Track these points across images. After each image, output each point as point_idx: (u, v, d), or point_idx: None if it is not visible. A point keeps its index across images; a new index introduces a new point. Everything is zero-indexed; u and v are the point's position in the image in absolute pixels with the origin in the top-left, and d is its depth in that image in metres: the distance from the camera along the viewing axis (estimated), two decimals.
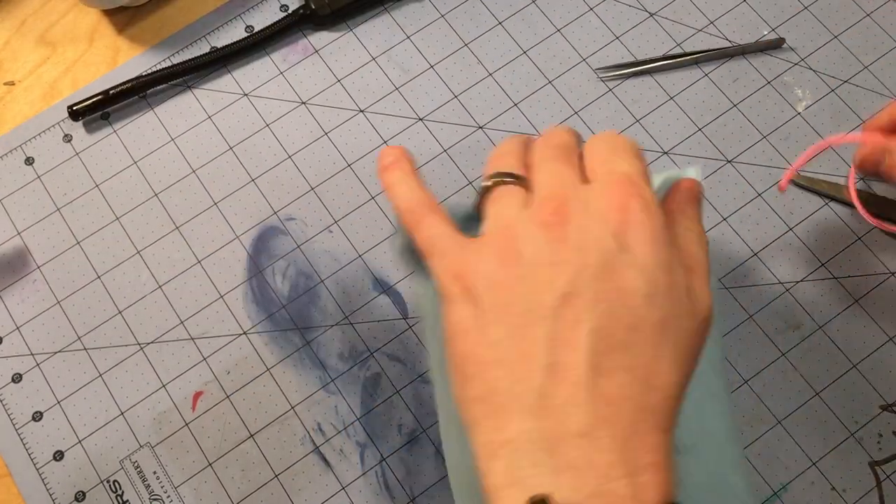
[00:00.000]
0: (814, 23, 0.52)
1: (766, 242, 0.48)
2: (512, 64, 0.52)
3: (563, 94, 0.51)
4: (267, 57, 0.53)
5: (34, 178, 0.50)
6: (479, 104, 0.51)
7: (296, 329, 0.47)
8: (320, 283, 0.48)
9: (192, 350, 0.47)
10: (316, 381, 0.46)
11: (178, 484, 0.44)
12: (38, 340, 0.47)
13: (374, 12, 0.54)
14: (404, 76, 0.52)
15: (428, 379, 0.46)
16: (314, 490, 0.44)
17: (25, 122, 0.52)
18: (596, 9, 0.53)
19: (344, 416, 0.45)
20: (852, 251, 0.47)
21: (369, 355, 0.46)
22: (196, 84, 0.52)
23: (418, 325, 0.47)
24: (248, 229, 0.49)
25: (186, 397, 0.46)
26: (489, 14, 0.53)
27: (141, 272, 0.48)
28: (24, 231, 0.49)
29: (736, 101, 0.51)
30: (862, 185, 0.48)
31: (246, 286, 0.48)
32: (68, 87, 0.53)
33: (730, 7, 0.53)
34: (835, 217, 0.48)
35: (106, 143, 0.51)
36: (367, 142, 0.51)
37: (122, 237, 0.49)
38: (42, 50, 0.54)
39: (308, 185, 0.50)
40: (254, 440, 0.45)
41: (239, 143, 0.51)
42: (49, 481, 0.44)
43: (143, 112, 0.52)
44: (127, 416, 0.45)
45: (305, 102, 0.52)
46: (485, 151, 0.50)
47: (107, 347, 0.47)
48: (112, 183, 0.50)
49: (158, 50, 0.53)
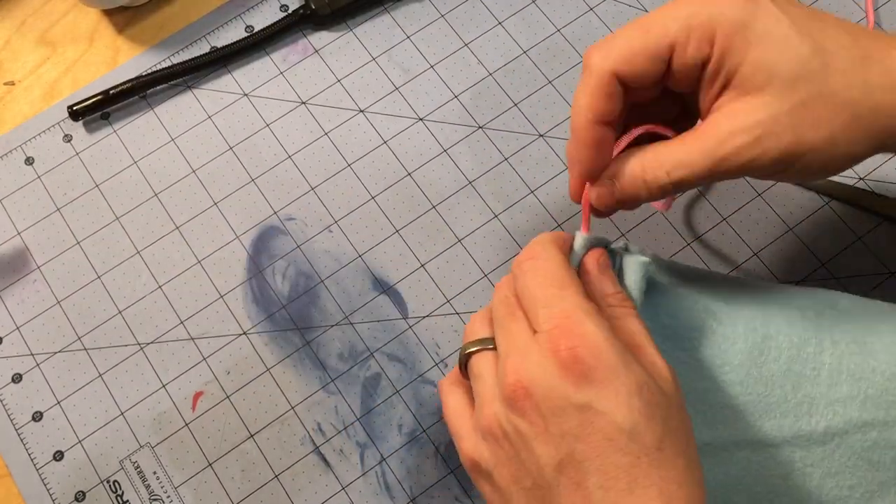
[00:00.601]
0: None
1: (766, 242, 0.48)
2: (512, 64, 0.52)
3: (563, 94, 0.51)
4: (267, 57, 0.53)
5: (34, 178, 0.50)
6: (479, 104, 0.51)
7: (296, 329, 0.47)
8: (320, 283, 0.48)
9: (192, 350, 0.47)
10: (316, 381, 0.46)
11: (178, 484, 0.44)
12: (38, 340, 0.47)
13: (374, 12, 0.54)
14: (404, 76, 0.52)
15: (428, 379, 0.46)
16: (314, 490, 0.44)
17: (25, 122, 0.52)
18: (596, 9, 0.53)
19: (344, 416, 0.45)
20: (852, 251, 0.47)
21: (369, 355, 0.46)
22: (196, 84, 0.52)
23: (418, 324, 0.47)
24: (248, 229, 0.49)
25: (186, 397, 0.46)
26: (489, 14, 0.53)
27: (141, 272, 0.48)
28: (24, 231, 0.49)
29: None
30: (863, 185, 0.48)
31: (246, 286, 0.48)
32: (68, 87, 0.53)
33: None
34: (835, 217, 0.48)
35: (106, 143, 0.51)
36: (367, 142, 0.51)
37: (122, 237, 0.49)
38: (42, 50, 0.54)
39: (308, 185, 0.50)
40: (254, 440, 0.45)
41: (239, 143, 0.51)
42: (49, 481, 0.44)
43: (143, 112, 0.52)
44: (127, 416, 0.45)
45: (305, 102, 0.52)
46: (485, 151, 0.50)
47: (107, 347, 0.47)
48: (112, 183, 0.50)
49: (158, 50, 0.53)
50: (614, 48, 0.33)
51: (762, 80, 0.31)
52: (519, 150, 0.50)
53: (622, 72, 0.33)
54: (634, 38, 0.33)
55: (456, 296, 0.47)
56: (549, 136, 0.50)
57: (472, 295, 0.47)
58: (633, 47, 0.33)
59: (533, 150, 0.50)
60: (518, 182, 0.49)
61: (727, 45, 0.32)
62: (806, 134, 0.31)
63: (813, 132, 0.31)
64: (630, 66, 0.33)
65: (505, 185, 0.49)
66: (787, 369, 0.36)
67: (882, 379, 0.35)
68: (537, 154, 0.50)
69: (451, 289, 0.47)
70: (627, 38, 0.33)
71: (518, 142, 0.50)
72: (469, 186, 0.49)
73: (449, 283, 0.47)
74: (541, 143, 0.50)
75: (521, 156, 0.50)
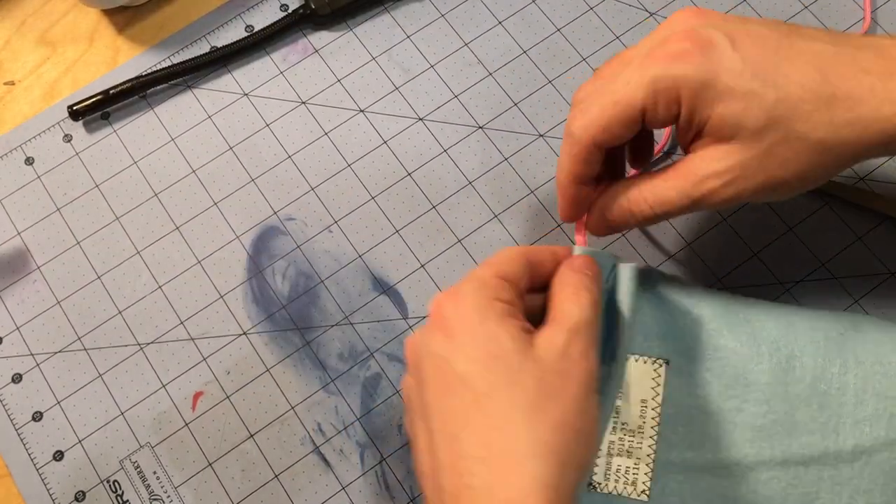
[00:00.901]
0: (814, 23, 0.52)
1: (766, 242, 0.48)
2: (512, 64, 0.52)
3: (563, 94, 0.51)
4: (267, 57, 0.53)
5: (34, 178, 0.50)
6: (479, 104, 0.51)
7: (296, 329, 0.47)
8: (320, 283, 0.48)
9: (192, 350, 0.47)
10: (316, 381, 0.46)
11: (178, 484, 0.44)
12: (38, 340, 0.47)
13: (374, 12, 0.54)
14: (404, 76, 0.52)
15: None
16: (314, 490, 0.44)
17: (25, 122, 0.52)
18: (596, 9, 0.53)
19: (344, 416, 0.45)
20: (852, 251, 0.47)
21: (369, 355, 0.46)
22: (196, 84, 0.52)
23: (418, 325, 0.47)
24: (248, 229, 0.49)
25: (186, 397, 0.46)
26: (489, 14, 0.53)
27: (141, 272, 0.48)
28: (24, 231, 0.49)
29: None
30: (863, 185, 0.48)
31: (246, 286, 0.48)
32: (68, 87, 0.53)
33: (730, 7, 0.53)
34: (835, 217, 0.48)
35: (106, 143, 0.51)
36: (367, 142, 0.51)
37: (122, 237, 0.49)
38: (42, 50, 0.54)
39: (308, 185, 0.50)
40: (254, 440, 0.45)
41: (239, 143, 0.51)
42: (49, 481, 0.44)
43: (143, 112, 0.52)
44: (127, 416, 0.46)
45: (305, 102, 0.52)
46: (485, 151, 0.50)
47: (107, 347, 0.47)
48: (112, 183, 0.50)
49: (158, 50, 0.53)
50: (592, 120, 0.36)
51: (730, 132, 0.34)
52: (519, 150, 0.50)
53: (600, 139, 0.36)
54: (607, 108, 0.35)
55: None
56: (549, 136, 0.50)
57: None
58: (608, 118, 0.35)
59: (533, 150, 0.50)
60: (518, 182, 0.49)
61: (693, 104, 0.34)
62: (776, 172, 0.34)
63: (783, 170, 0.34)
64: (607, 134, 0.36)
65: (505, 185, 0.49)
66: (813, 389, 0.36)
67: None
68: (537, 154, 0.50)
69: None
70: (602, 109, 0.36)
71: (518, 142, 0.50)
72: (469, 186, 0.49)
73: (449, 283, 0.47)
74: (541, 143, 0.50)
75: (521, 156, 0.50)
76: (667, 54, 0.34)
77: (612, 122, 0.35)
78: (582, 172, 0.37)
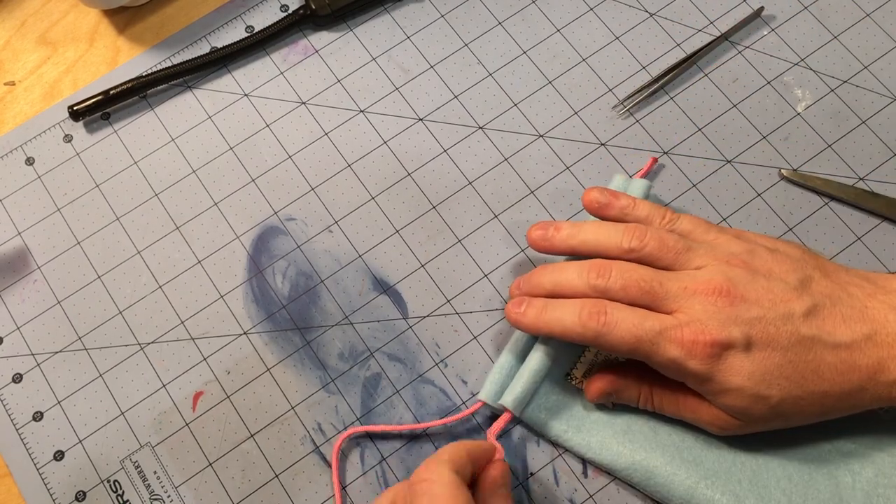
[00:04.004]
0: (814, 23, 0.52)
1: None
2: (512, 64, 0.52)
3: (563, 94, 0.51)
4: (267, 57, 0.53)
5: (34, 178, 0.50)
6: (479, 104, 0.51)
7: (296, 329, 0.47)
8: (320, 283, 0.48)
9: (193, 350, 0.47)
10: (316, 381, 0.46)
11: (178, 484, 0.44)
12: (38, 340, 0.47)
13: (374, 12, 0.54)
14: (404, 76, 0.52)
15: (428, 379, 0.46)
16: (314, 490, 0.44)
17: (26, 123, 0.52)
18: (596, 9, 0.53)
19: (344, 416, 0.45)
20: (852, 251, 0.47)
21: (369, 355, 0.46)
22: (196, 84, 0.52)
23: (418, 325, 0.47)
24: (249, 229, 0.49)
25: (187, 397, 0.46)
26: (489, 14, 0.53)
27: (141, 272, 0.48)
28: (25, 231, 0.49)
29: (736, 102, 0.51)
30: (863, 185, 0.48)
31: (246, 286, 0.48)
32: (69, 87, 0.53)
33: (730, 7, 0.53)
34: (835, 217, 0.48)
35: (106, 143, 0.51)
36: (367, 142, 0.51)
37: (122, 237, 0.49)
38: (42, 50, 0.54)
39: (308, 185, 0.50)
40: (254, 440, 0.45)
41: (239, 143, 0.51)
42: (49, 481, 0.44)
43: (143, 112, 0.52)
44: (127, 416, 0.46)
45: (305, 102, 0.52)
46: (485, 151, 0.50)
47: (107, 347, 0.47)
48: (112, 183, 0.50)
49: (158, 50, 0.53)
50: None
51: (736, 414, 0.39)
52: (519, 150, 0.50)
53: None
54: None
55: (456, 296, 0.47)
56: (549, 136, 0.50)
57: (472, 295, 0.47)
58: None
59: (533, 150, 0.50)
60: (518, 182, 0.49)
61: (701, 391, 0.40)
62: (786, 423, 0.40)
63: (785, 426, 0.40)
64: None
65: (505, 185, 0.49)
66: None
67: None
68: (537, 154, 0.50)
69: (451, 289, 0.47)
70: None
71: (518, 142, 0.50)
72: (469, 186, 0.49)
73: (449, 283, 0.47)
74: (541, 143, 0.50)
75: (521, 156, 0.50)
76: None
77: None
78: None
